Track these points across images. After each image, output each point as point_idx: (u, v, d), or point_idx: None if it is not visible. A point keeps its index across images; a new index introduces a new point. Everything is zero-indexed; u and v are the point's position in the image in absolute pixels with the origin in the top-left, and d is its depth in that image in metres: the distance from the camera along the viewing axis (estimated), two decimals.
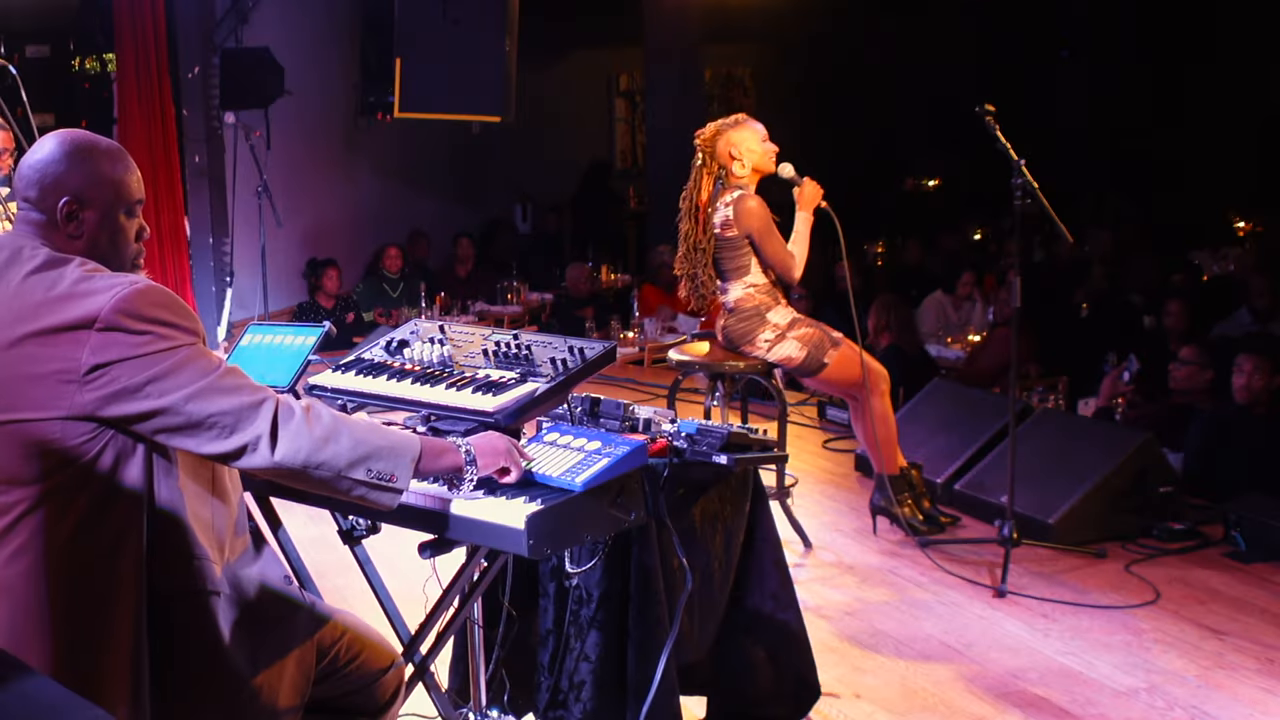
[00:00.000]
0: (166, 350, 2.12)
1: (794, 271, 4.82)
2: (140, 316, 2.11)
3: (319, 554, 3.48)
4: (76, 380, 2.09)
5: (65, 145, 2.25)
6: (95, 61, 9.92)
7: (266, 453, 2.14)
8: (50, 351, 2.10)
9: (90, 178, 2.25)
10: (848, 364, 4.83)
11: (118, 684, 2.15)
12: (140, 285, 2.15)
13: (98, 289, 2.13)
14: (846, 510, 5.51)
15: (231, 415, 2.13)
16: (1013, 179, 4.51)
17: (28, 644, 2.12)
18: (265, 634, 2.32)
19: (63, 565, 2.13)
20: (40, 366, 2.10)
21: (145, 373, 2.10)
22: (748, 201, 4.76)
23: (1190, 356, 6.10)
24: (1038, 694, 3.77)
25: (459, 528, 2.53)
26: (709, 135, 4.86)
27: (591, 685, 3.03)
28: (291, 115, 10.01)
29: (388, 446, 2.28)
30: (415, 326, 3.11)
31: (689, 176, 4.90)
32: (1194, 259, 10.15)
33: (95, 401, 2.10)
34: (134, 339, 2.10)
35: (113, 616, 2.15)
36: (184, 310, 2.19)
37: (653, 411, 3.07)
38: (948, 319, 8.85)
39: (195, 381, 2.12)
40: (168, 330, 2.13)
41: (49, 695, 1.78)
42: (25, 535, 2.12)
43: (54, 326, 2.10)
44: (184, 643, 2.22)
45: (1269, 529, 4.84)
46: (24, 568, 2.12)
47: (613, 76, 14.38)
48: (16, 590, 2.12)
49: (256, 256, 9.69)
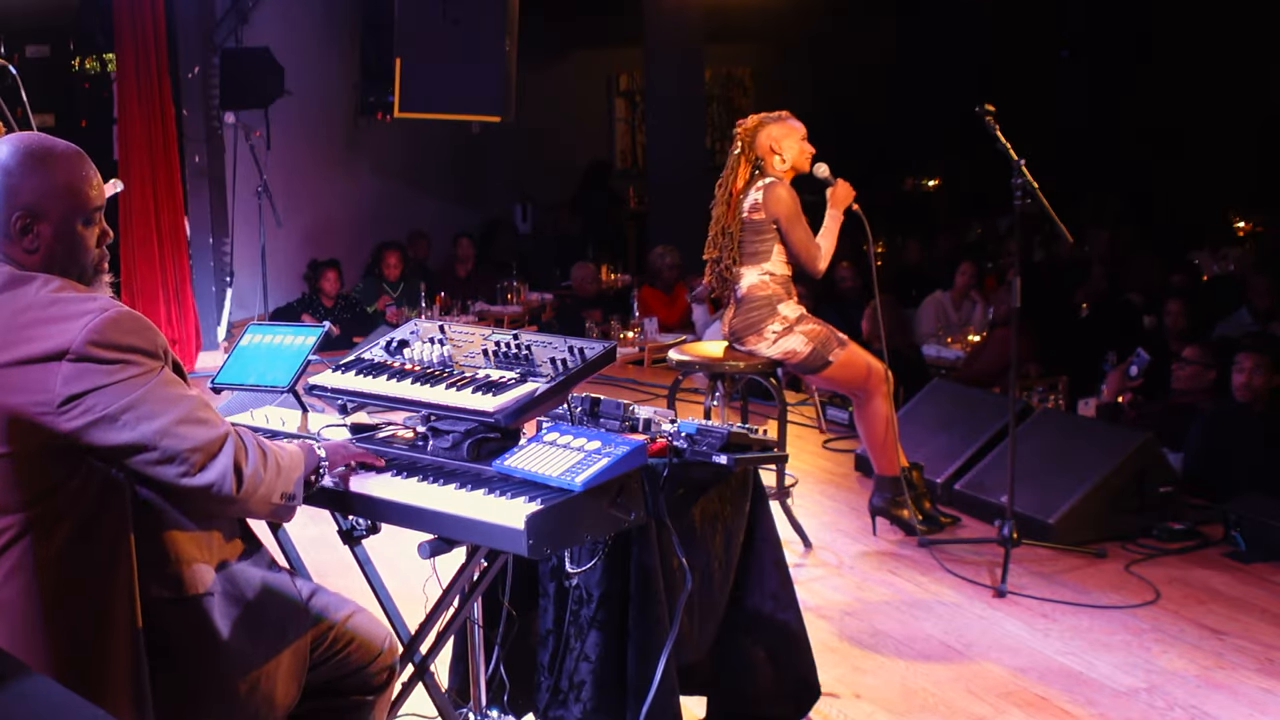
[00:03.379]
0: (140, 376, 2.12)
1: (819, 263, 4.83)
2: (112, 345, 2.10)
3: (319, 554, 3.48)
4: (52, 411, 2.08)
5: (18, 155, 2.18)
6: (95, 61, 9.91)
7: (230, 492, 2.18)
8: (23, 382, 2.08)
9: (44, 189, 2.18)
10: (852, 365, 4.84)
11: (119, 692, 2.17)
12: (110, 313, 2.12)
13: (69, 315, 2.11)
14: (846, 510, 5.51)
15: (201, 453, 2.16)
16: (1013, 179, 4.51)
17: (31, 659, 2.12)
18: (261, 629, 2.34)
19: (57, 583, 2.14)
20: (14, 398, 2.09)
21: (120, 401, 2.10)
22: (779, 189, 4.79)
23: (1194, 356, 6.10)
24: (1038, 694, 3.77)
25: (459, 528, 2.53)
26: (751, 126, 4.90)
27: (591, 685, 3.03)
28: (291, 115, 10.01)
29: (289, 468, 2.33)
30: (415, 326, 3.11)
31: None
32: (1194, 259, 10.15)
33: (72, 431, 2.09)
34: (107, 368, 2.09)
35: (110, 628, 2.16)
36: (152, 334, 2.18)
37: (653, 411, 3.07)
38: (948, 319, 8.85)
39: (169, 413, 2.13)
40: (140, 358, 2.13)
41: (49, 695, 1.78)
42: (15, 558, 2.13)
43: (25, 358, 2.08)
44: (181, 646, 2.24)
45: (1269, 529, 4.84)
46: (19, 589, 2.13)
47: (613, 76, 14.38)
48: (14, 610, 2.13)
49: (256, 256, 9.69)
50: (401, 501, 2.59)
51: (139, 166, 8.42)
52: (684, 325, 9.14)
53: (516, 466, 2.60)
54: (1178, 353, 6.35)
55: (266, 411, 3.05)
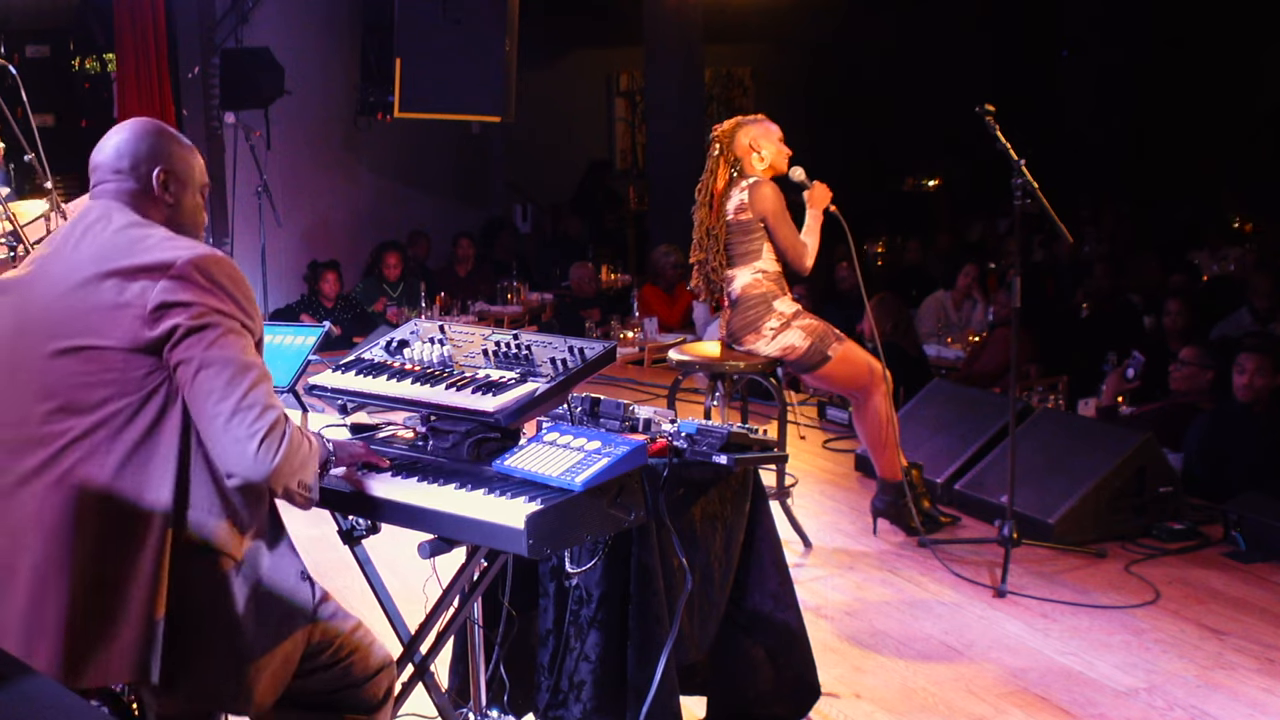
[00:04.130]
0: (225, 314, 2.27)
1: (805, 259, 4.86)
2: (212, 277, 2.27)
3: (319, 554, 3.48)
4: (144, 316, 2.24)
5: (151, 126, 2.47)
6: (95, 61, 9.93)
7: (252, 453, 2.22)
8: (127, 287, 2.25)
9: (177, 155, 2.46)
10: (850, 361, 4.84)
11: (132, 627, 2.21)
12: (218, 254, 2.33)
13: (181, 245, 2.32)
14: (846, 510, 5.51)
15: (243, 401, 2.23)
16: (1013, 179, 4.52)
17: (50, 577, 2.20)
18: (269, 618, 2.35)
19: (98, 503, 2.22)
20: (116, 298, 2.25)
21: (199, 320, 2.23)
22: (763, 187, 4.81)
23: (1190, 358, 6.10)
24: (1038, 694, 3.77)
25: (459, 527, 2.53)
26: (728, 128, 4.95)
27: (591, 685, 3.03)
28: (291, 115, 10.01)
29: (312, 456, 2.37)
30: (415, 326, 3.11)
31: (702, 170, 4.97)
32: (1194, 259, 10.15)
33: (156, 338, 2.23)
34: (201, 292, 2.25)
35: (136, 562, 2.22)
36: (251, 295, 2.35)
37: (653, 411, 3.07)
38: (948, 319, 8.85)
39: (240, 358, 2.25)
40: (230, 304, 2.28)
41: (49, 695, 1.79)
42: (68, 464, 2.23)
43: (134, 267, 2.27)
44: (196, 601, 2.27)
45: (1269, 529, 4.84)
46: (60, 500, 2.22)
47: (613, 76, 14.37)
48: (47, 522, 2.22)
49: (256, 257, 9.69)
50: (401, 501, 2.59)
51: None
52: (685, 325, 9.14)
53: (516, 466, 2.60)
54: (1176, 353, 6.35)
55: None
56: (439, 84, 8.02)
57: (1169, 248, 10.33)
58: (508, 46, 7.82)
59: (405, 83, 8.09)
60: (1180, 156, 12.93)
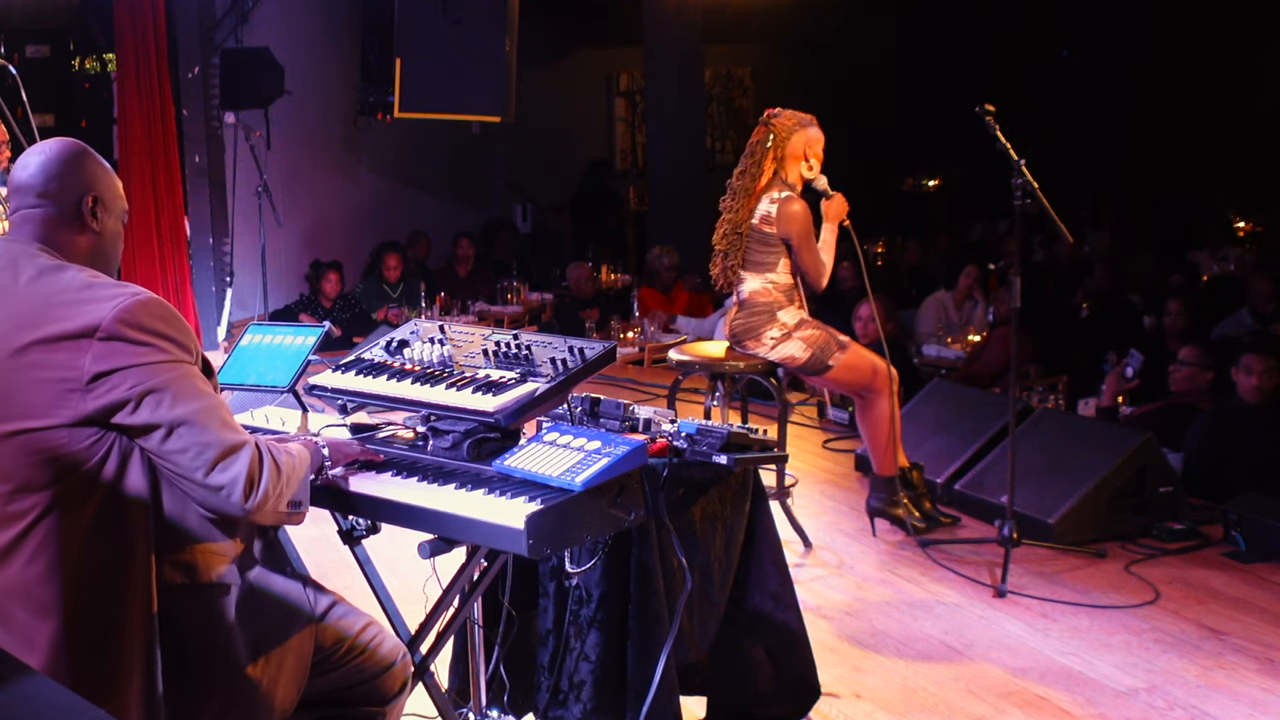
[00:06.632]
0: (166, 363, 2.16)
1: (824, 279, 4.83)
2: (141, 327, 2.15)
3: (319, 554, 3.48)
4: (80, 388, 2.13)
5: (76, 148, 2.34)
6: (95, 61, 9.93)
7: (239, 500, 2.18)
8: (53, 359, 2.14)
9: (104, 180, 2.34)
10: (854, 367, 4.84)
11: (130, 682, 2.18)
12: (141, 296, 2.19)
13: (100, 297, 2.17)
14: (846, 510, 5.51)
15: (218, 451, 2.17)
16: (1013, 179, 4.51)
17: (44, 645, 2.15)
18: (269, 628, 2.35)
19: (78, 567, 2.16)
20: (44, 374, 2.14)
21: (146, 382, 2.14)
22: (793, 205, 4.74)
23: (1190, 358, 6.10)
24: (1038, 694, 3.77)
25: (459, 527, 2.53)
26: (789, 124, 4.80)
27: (591, 685, 3.03)
28: (291, 115, 10.01)
29: (297, 470, 2.33)
30: (415, 326, 3.11)
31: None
32: (1194, 259, 10.15)
33: (98, 409, 2.13)
34: (135, 349, 2.14)
35: (126, 615, 2.18)
36: (183, 327, 2.23)
37: (653, 411, 3.07)
38: (948, 319, 8.84)
39: (192, 404, 2.16)
40: (169, 345, 2.18)
41: (49, 695, 1.78)
42: (41, 536, 2.16)
43: (56, 335, 2.14)
44: (191, 636, 2.26)
45: (1269, 529, 4.84)
46: (41, 570, 2.15)
47: (613, 76, 14.37)
48: (33, 593, 2.16)
49: (256, 257, 9.69)
50: (401, 501, 2.59)
51: (139, 166, 8.42)
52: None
53: (516, 466, 2.60)
54: (1176, 353, 6.35)
55: (266, 411, 3.05)
56: (439, 84, 8.02)
57: (1169, 248, 10.34)
58: (508, 46, 7.82)
59: (405, 83, 8.09)
60: (1180, 156, 12.93)
